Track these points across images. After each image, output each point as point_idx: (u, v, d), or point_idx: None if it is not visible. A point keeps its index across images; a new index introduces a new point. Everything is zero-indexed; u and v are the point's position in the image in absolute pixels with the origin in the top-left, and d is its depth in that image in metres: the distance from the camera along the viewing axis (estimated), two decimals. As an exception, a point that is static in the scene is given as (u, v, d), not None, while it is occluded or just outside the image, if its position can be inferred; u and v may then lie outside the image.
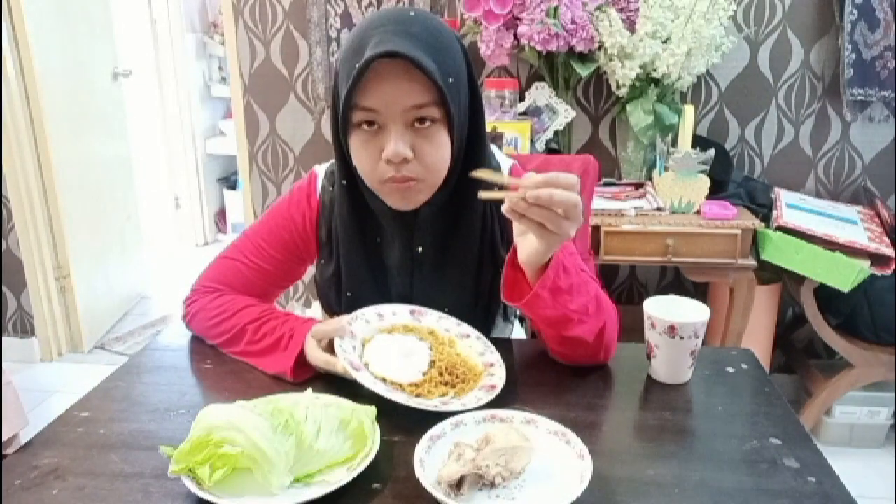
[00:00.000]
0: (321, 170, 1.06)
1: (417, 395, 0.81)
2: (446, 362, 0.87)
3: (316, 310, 1.21)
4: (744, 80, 2.18)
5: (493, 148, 1.07)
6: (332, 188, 1.01)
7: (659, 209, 1.90)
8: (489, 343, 0.94)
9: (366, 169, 0.89)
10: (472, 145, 0.93)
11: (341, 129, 0.90)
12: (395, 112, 0.84)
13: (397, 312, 0.96)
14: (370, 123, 0.86)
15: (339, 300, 1.04)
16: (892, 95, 2.08)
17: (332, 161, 1.02)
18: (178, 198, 4.29)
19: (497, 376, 0.86)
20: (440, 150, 0.88)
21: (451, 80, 0.86)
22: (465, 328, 0.96)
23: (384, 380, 0.82)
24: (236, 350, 0.97)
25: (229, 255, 1.07)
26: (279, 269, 1.06)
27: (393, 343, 0.89)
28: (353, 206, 0.97)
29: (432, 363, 0.87)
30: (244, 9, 2.31)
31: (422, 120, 0.86)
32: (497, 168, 1.03)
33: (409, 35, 0.83)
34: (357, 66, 0.82)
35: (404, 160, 0.85)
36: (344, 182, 0.96)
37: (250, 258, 1.04)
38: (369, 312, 0.93)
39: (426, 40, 0.84)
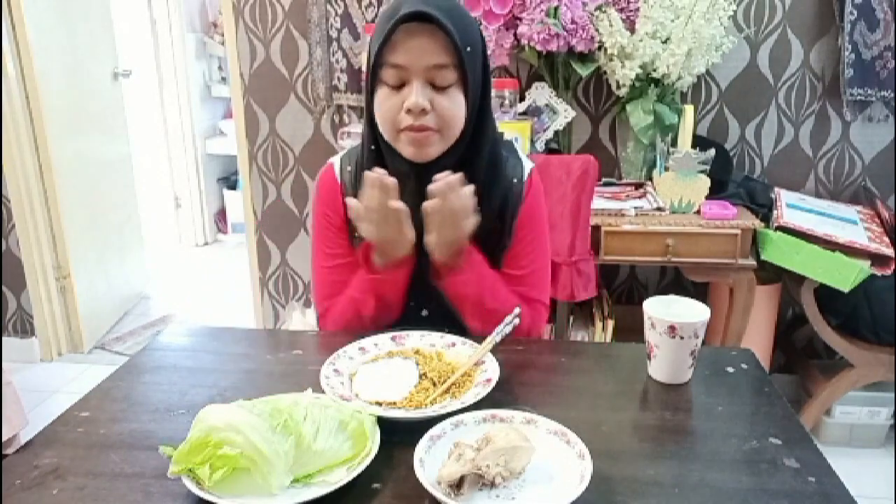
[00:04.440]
0: (336, 159, 1.14)
1: (416, 408, 0.81)
2: (437, 371, 0.87)
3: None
4: (744, 80, 2.18)
5: (518, 147, 1.17)
6: (350, 168, 1.10)
7: (659, 209, 1.90)
8: (476, 344, 0.94)
9: (386, 118, 0.98)
10: (482, 115, 1.02)
11: (370, 86, 0.99)
12: (418, 69, 0.94)
13: (379, 343, 0.96)
14: (396, 83, 0.96)
15: None
16: (892, 95, 2.08)
17: (346, 150, 1.15)
18: (178, 198, 4.29)
19: (490, 370, 0.87)
20: (456, 107, 0.97)
21: (468, 48, 0.96)
22: (450, 338, 0.96)
23: (378, 403, 0.82)
24: (362, 312, 1.05)
25: (318, 270, 1.14)
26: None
27: (378, 369, 0.90)
28: (382, 167, 1.03)
29: (423, 375, 0.87)
30: (244, 9, 2.31)
31: (441, 81, 0.95)
32: (517, 164, 1.10)
33: (436, 6, 0.94)
34: (388, 26, 0.93)
35: (423, 111, 0.95)
36: (372, 147, 1.04)
37: (332, 262, 1.12)
38: (351, 349, 0.93)
39: (449, 11, 0.95)
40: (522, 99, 2.13)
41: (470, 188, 0.96)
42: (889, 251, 1.83)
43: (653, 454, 0.75)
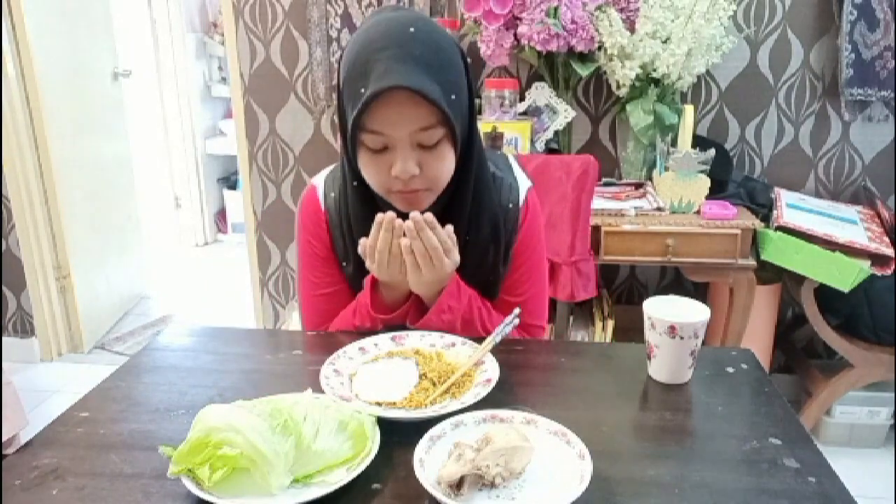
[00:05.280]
0: (319, 181, 1.09)
1: (416, 408, 0.81)
2: (437, 371, 0.87)
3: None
4: (744, 80, 2.18)
5: (513, 162, 1.11)
6: (333, 194, 1.05)
7: (659, 209, 1.90)
8: (476, 344, 0.94)
9: (375, 181, 0.94)
10: (470, 145, 0.97)
11: (350, 145, 0.93)
12: (401, 135, 0.88)
13: (379, 343, 0.96)
14: (378, 147, 0.90)
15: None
16: (892, 95, 2.08)
17: (330, 169, 1.09)
18: (178, 198, 4.29)
19: (490, 371, 0.87)
20: (444, 164, 0.93)
21: (453, 97, 0.89)
22: (450, 338, 0.96)
23: (378, 403, 0.82)
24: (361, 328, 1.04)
25: (306, 298, 1.11)
26: (347, 280, 1.10)
27: (378, 369, 0.89)
28: (365, 203, 1.00)
29: (423, 375, 0.87)
30: (244, 9, 2.31)
31: (428, 141, 0.89)
32: (512, 186, 1.06)
33: (413, 59, 0.85)
34: (363, 93, 0.85)
35: (412, 176, 0.90)
36: (355, 183, 0.99)
37: (320, 291, 1.09)
38: (351, 349, 0.93)
39: (428, 61, 0.86)
40: (522, 99, 2.13)
41: (449, 227, 0.93)
42: (889, 251, 1.83)
43: (653, 454, 0.75)
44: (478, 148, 0.99)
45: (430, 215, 0.91)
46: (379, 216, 0.92)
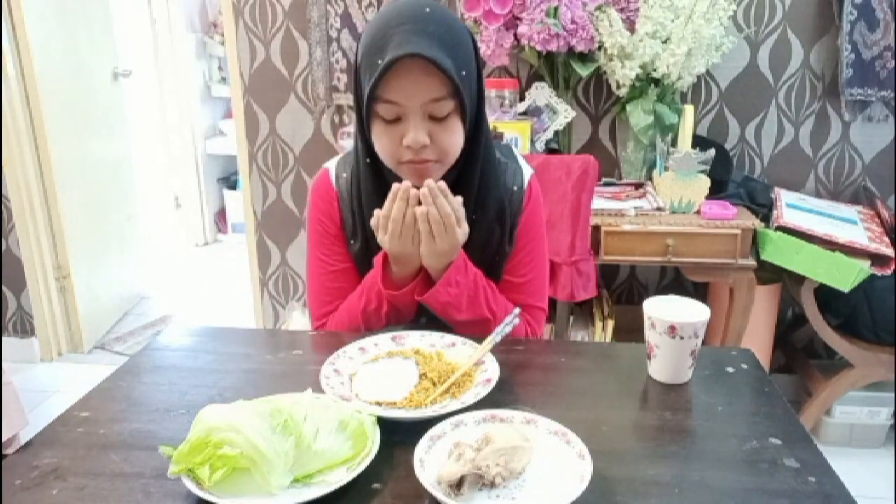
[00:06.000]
0: (332, 164, 1.13)
1: (416, 408, 0.81)
2: (437, 371, 0.88)
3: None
4: (744, 80, 2.18)
5: (516, 152, 1.15)
6: (345, 175, 1.09)
7: (659, 209, 1.90)
8: (476, 344, 0.94)
9: (387, 152, 0.97)
10: (477, 124, 1.00)
11: (365, 117, 0.97)
12: (414, 105, 0.93)
13: (379, 343, 0.96)
14: (392, 117, 0.94)
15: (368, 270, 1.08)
16: (892, 95, 2.08)
17: (342, 154, 1.14)
18: (178, 198, 4.29)
19: (490, 370, 0.87)
20: (454, 137, 0.97)
21: (463, 72, 0.94)
22: (450, 338, 0.97)
23: (378, 403, 0.82)
24: (371, 321, 1.06)
25: (314, 277, 1.13)
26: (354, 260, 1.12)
27: (378, 369, 0.90)
28: (377, 181, 1.03)
29: (423, 375, 0.87)
30: (244, 9, 2.31)
31: (439, 113, 0.94)
32: (517, 170, 1.10)
33: (427, 34, 0.90)
34: (380, 63, 0.89)
35: (422, 146, 0.94)
36: (368, 160, 1.03)
37: (329, 269, 1.11)
38: (351, 349, 0.93)
39: (441, 37, 0.91)
40: (522, 99, 2.13)
41: (460, 198, 0.96)
42: (889, 251, 1.83)
43: (653, 454, 0.75)
44: (485, 130, 1.02)
45: (442, 183, 0.94)
46: (395, 186, 0.95)
